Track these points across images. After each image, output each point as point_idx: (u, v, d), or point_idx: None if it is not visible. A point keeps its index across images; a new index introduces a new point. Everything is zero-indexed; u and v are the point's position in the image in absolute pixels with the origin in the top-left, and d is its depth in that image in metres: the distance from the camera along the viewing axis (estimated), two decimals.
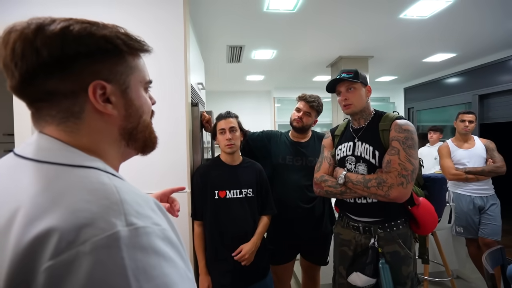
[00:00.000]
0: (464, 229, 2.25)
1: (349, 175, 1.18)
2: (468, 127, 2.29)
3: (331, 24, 2.56)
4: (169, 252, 0.33)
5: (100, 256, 0.28)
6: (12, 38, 0.35)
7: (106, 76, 0.39)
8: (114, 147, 0.43)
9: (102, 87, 0.39)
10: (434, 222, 1.24)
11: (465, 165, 2.24)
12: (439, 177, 1.37)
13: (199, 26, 2.48)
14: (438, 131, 3.26)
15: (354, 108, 1.24)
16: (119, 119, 0.42)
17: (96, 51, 0.38)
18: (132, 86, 0.43)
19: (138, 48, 0.43)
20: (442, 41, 3.07)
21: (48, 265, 0.27)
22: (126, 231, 0.30)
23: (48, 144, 0.37)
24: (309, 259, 1.68)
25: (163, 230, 0.34)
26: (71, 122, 0.38)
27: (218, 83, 5.17)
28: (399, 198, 1.11)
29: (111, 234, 0.29)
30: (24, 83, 0.36)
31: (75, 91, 0.38)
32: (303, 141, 1.66)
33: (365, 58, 3.61)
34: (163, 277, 0.31)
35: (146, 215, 0.33)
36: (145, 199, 0.36)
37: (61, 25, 0.36)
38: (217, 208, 1.36)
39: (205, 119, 1.66)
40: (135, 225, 0.31)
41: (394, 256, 1.17)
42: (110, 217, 0.30)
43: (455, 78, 4.24)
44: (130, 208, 0.32)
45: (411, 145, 1.14)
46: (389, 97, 6.13)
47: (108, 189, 0.33)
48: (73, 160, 0.36)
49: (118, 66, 0.41)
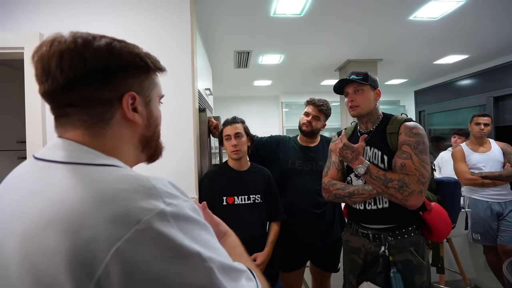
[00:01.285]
0: (481, 235, 2.16)
1: (371, 167, 1.12)
2: (484, 130, 2.21)
3: (338, 27, 2.55)
4: (199, 218, 0.39)
5: (156, 228, 0.33)
6: (58, 48, 0.39)
7: (136, 89, 0.45)
8: (132, 151, 0.48)
9: (133, 97, 0.45)
10: (448, 228, 1.19)
11: (481, 169, 2.16)
12: (452, 181, 1.32)
13: (206, 32, 2.52)
14: (464, 136, 2.84)
15: (360, 110, 1.21)
16: (141, 128, 0.48)
17: (132, 66, 0.45)
18: (153, 99, 0.49)
19: (159, 67, 0.49)
20: (454, 42, 3.00)
21: (116, 247, 0.31)
22: (168, 208, 0.35)
23: (71, 147, 0.41)
24: (320, 266, 1.64)
25: (190, 203, 0.40)
26: (99, 127, 0.43)
27: (226, 89, 5.21)
28: (415, 206, 1.07)
29: (158, 211, 0.34)
30: (67, 88, 0.40)
31: (110, 100, 0.43)
32: (312, 146, 1.65)
33: (374, 61, 3.57)
34: (202, 238, 0.37)
35: (176, 194, 0.39)
36: (166, 182, 0.41)
37: (105, 41, 0.42)
38: (225, 214, 1.35)
39: (212, 124, 1.67)
40: (172, 203, 0.37)
41: (406, 265, 1.13)
42: (151, 200, 0.35)
43: (468, 80, 4.12)
44: (162, 191, 0.37)
45: (423, 150, 1.10)
46: (399, 100, 6.02)
47: (139, 178, 0.38)
48: (95, 160, 0.40)
49: (145, 81, 0.47)
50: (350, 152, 1.14)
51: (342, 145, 1.16)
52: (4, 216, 0.38)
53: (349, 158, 1.15)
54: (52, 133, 1.34)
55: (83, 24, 1.39)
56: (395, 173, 1.10)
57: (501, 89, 3.51)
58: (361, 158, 1.13)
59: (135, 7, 1.44)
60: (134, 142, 0.48)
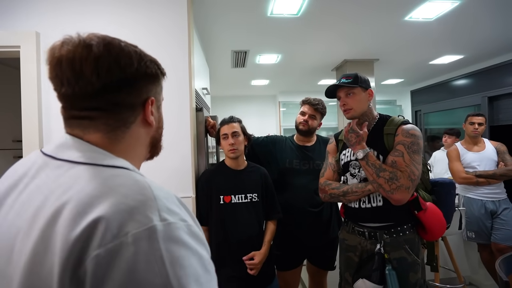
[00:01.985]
0: (475, 234, 2.19)
1: (370, 154, 1.16)
2: (478, 129, 2.24)
3: (335, 27, 2.56)
4: (195, 245, 0.37)
5: (141, 246, 0.32)
6: (94, 54, 0.40)
7: (153, 94, 0.48)
8: (143, 151, 0.51)
9: (152, 102, 0.48)
10: (442, 227, 1.21)
11: (475, 168, 2.19)
12: (447, 182, 1.34)
13: (203, 32, 2.51)
14: (454, 135, 2.94)
15: (354, 113, 1.23)
16: (154, 130, 0.51)
17: (154, 73, 0.47)
18: (160, 103, 0.53)
19: (164, 73, 0.52)
20: (449, 43, 3.03)
21: (97, 253, 0.31)
22: (161, 225, 0.34)
23: (84, 147, 0.42)
24: (316, 264, 1.66)
25: (189, 226, 0.38)
26: (120, 130, 0.45)
27: (223, 88, 5.21)
28: (399, 201, 1.10)
29: (149, 227, 0.33)
30: (101, 92, 0.41)
31: (136, 104, 0.45)
32: (309, 145, 1.66)
33: (370, 61, 3.59)
34: (192, 268, 0.35)
35: (175, 211, 0.37)
36: (171, 195, 0.40)
37: (133, 49, 0.45)
38: (222, 213, 1.36)
39: (209, 124, 1.68)
40: (168, 220, 0.35)
41: (401, 263, 1.15)
42: (147, 211, 0.34)
43: (463, 80, 4.16)
44: (162, 204, 0.36)
45: (416, 150, 1.13)
46: (396, 100, 6.06)
47: (142, 185, 0.37)
48: (104, 161, 0.41)
49: (158, 86, 0.50)
50: (355, 136, 1.19)
51: (350, 128, 1.21)
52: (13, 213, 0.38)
53: (352, 142, 1.20)
54: (48, 132, 1.34)
55: (80, 22, 1.38)
56: (391, 167, 1.12)
57: (495, 89, 3.55)
58: (363, 144, 1.18)
59: (132, 7, 1.43)
60: (146, 143, 0.50)
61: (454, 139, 2.94)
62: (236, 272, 1.31)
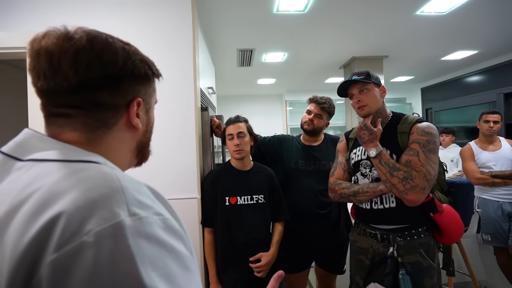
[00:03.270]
0: (492, 237, 2.10)
1: (383, 153, 1.11)
2: (493, 128, 2.15)
3: (343, 23, 2.50)
4: (172, 242, 0.33)
5: (105, 245, 0.28)
6: (73, 47, 0.37)
7: (141, 96, 0.45)
8: (128, 156, 0.47)
9: (138, 103, 0.44)
10: (460, 231, 1.15)
11: (491, 168, 2.10)
12: (464, 182, 1.27)
13: (208, 30, 2.49)
14: (450, 133, 3.18)
15: (369, 109, 1.18)
16: (140, 134, 0.47)
17: (142, 74, 0.44)
18: (152, 106, 0.49)
19: (159, 74, 0.49)
20: (462, 37, 2.93)
21: (53, 258, 0.27)
22: (129, 220, 0.30)
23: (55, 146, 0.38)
24: (325, 268, 1.61)
25: (165, 219, 0.34)
26: (101, 131, 0.41)
27: (229, 88, 5.19)
28: (414, 202, 1.04)
29: (115, 223, 0.29)
30: (77, 89, 0.38)
31: (119, 105, 0.42)
32: (315, 145, 1.61)
33: (379, 58, 3.50)
34: (166, 268, 0.31)
35: (147, 204, 0.33)
36: (143, 188, 0.36)
37: (121, 46, 0.41)
38: (228, 214, 1.33)
39: (215, 124, 1.65)
40: (138, 215, 0.31)
41: (416, 267, 1.10)
42: (112, 206, 0.30)
43: (477, 76, 4.03)
44: (131, 197, 0.32)
45: (432, 149, 1.07)
46: (405, 98, 5.93)
47: (109, 177, 0.34)
48: (72, 156, 0.37)
49: (148, 88, 0.47)
50: (368, 133, 1.14)
51: (363, 125, 1.16)
52: None
53: (365, 139, 1.15)
54: None
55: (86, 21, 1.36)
56: (405, 167, 1.07)
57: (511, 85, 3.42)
58: (376, 142, 1.13)
59: (136, 5, 1.42)
60: (132, 147, 0.47)
61: (451, 137, 3.15)
62: (242, 275, 1.28)
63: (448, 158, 2.97)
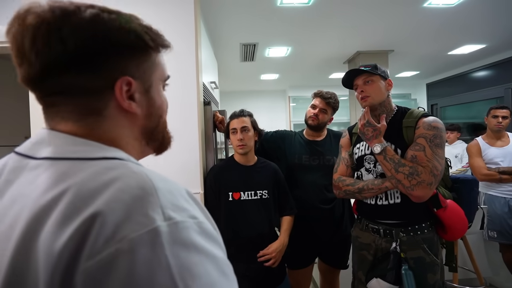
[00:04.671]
0: (498, 233, 2.07)
1: (388, 149, 1.09)
2: (502, 123, 2.11)
3: (348, 17, 2.45)
4: (209, 246, 0.31)
5: (141, 254, 0.26)
6: (32, 24, 0.32)
7: (132, 73, 0.37)
8: (136, 145, 0.41)
9: (128, 83, 0.37)
10: (464, 227, 1.14)
11: (498, 164, 2.07)
12: (469, 178, 1.25)
13: (211, 24, 2.47)
14: (456, 130, 3.07)
15: (371, 101, 1.16)
16: (141, 118, 0.40)
17: (125, 46, 0.36)
18: (154, 84, 0.41)
19: (161, 43, 0.40)
20: (471, 31, 2.86)
21: (86, 266, 0.25)
22: (165, 226, 0.28)
23: (62, 140, 0.35)
24: (328, 263, 1.61)
25: (200, 223, 0.31)
26: (92, 119, 0.36)
27: (232, 83, 5.17)
28: (420, 198, 1.03)
29: (151, 229, 0.27)
30: (45, 74, 0.33)
31: (100, 87, 0.35)
32: (318, 140, 1.60)
33: (384, 52, 3.45)
34: (207, 276, 0.29)
35: (182, 207, 0.31)
36: (177, 188, 0.34)
37: (90, 13, 0.34)
38: (231, 210, 1.32)
39: (218, 119, 1.64)
40: (173, 219, 0.29)
41: (419, 263, 1.09)
42: (147, 209, 0.28)
43: (484, 71, 3.94)
44: (165, 200, 0.30)
45: (439, 144, 1.05)
46: (410, 93, 5.85)
47: (140, 177, 0.31)
48: (93, 153, 0.34)
49: (144, 62, 0.39)
50: (372, 130, 1.12)
51: (365, 121, 1.14)
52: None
53: (369, 136, 1.13)
54: None
55: None
56: (411, 162, 1.05)
57: None
58: (380, 138, 1.11)
59: None
60: (135, 135, 0.40)
61: (456, 134, 3.06)
62: (245, 271, 1.28)
63: (453, 154, 2.93)
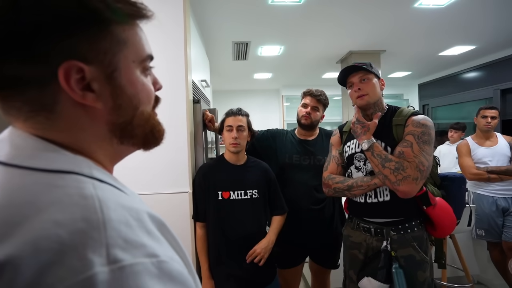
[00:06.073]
0: (485, 232, 2.10)
1: (376, 145, 1.10)
2: (491, 123, 2.14)
3: (340, 16, 2.46)
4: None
5: None
6: None
7: (83, 54, 0.29)
8: (104, 146, 0.33)
9: (79, 70, 0.28)
10: (452, 224, 1.14)
11: (487, 164, 2.10)
12: (457, 176, 1.27)
13: (202, 22, 2.44)
14: (460, 130, 2.95)
15: (369, 99, 1.15)
16: (106, 113, 0.32)
17: (67, 20, 0.27)
18: (123, 68, 0.32)
19: (131, 13, 0.31)
20: (461, 32, 2.90)
21: None
22: (106, 272, 0.22)
23: (21, 141, 0.29)
24: (319, 263, 1.60)
25: (161, 263, 0.25)
26: (42, 117, 0.29)
27: (225, 82, 5.14)
28: (406, 193, 1.03)
29: (85, 278, 0.21)
30: None
31: (42, 77, 0.28)
32: (310, 139, 1.59)
33: (377, 52, 3.47)
34: None
35: (139, 243, 0.25)
36: (139, 216, 0.27)
37: None
38: (220, 209, 1.30)
39: (207, 118, 1.61)
40: (120, 262, 0.23)
41: (409, 261, 1.09)
42: (86, 249, 0.22)
43: (474, 72, 4.02)
44: (115, 235, 0.24)
45: (427, 141, 1.06)
46: (403, 94, 5.93)
47: (89, 205, 0.25)
48: (50, 163, 0.27)
49: (101, 40, 0.30)
50: (361, 127, 1.14)
51: (355, 119, 1.16)
52: None
53: (358, 133, 1.15)
54: None
55: None
56: (397, 158, 1.06)
57: (508, 81, 3.41)
58: (369, 135, 1.12)
59: None
60: (102, 134, 0.32)
61: (460, 133, 2.95)
62: (234, 271, 1.26)
63: (454, 154, 2.88)
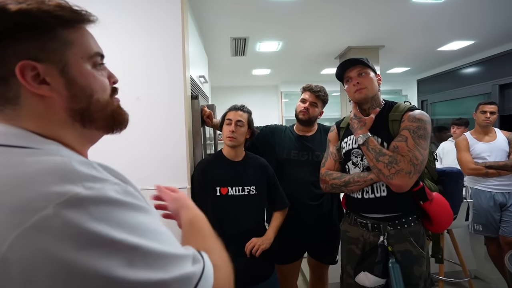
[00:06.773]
0: (483, 226, 2.11)
1: (371, 139, 1.10)
2: (490, 118, 2.14)
3: (338, 11, 2.44)
4: (132, 200, 0.33)
5: (64, 217, 0.28)
6: None
7: (35, 55, 0.35)
8: (69, 130, 0.40)
9: (33, 67, 0.35)
10: (449, 219, 1.14)
11: (485, 159, 2.10)
12: (454, 171, 1.26)
13: (200, 18, 2.42)
14: (463, 125, 2.82)
15: (367, 92, 1.15)
16: (63, 101, 0.38)
17: (15, 29, 0.34)
18: (73, 63, 0.39)
19: (73, 19, 0.38)
20: (459, 27, 2.89)
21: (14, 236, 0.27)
22: (85, 192, 0.30)
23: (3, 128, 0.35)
24: (317, 258, 1.61)
25: (124, 187, 0.34)
26: (8, 109, 0.36)
27: (224, 78, 5.12)
28: (400, 187, 1.03)
29: (71, 196, 0.29)
30: None
31: (3, 76, 0.35)
32: (308, 135, 1.58)
33: (375, 48, 3.46)
34: (133, 221, 0.32)
35: (101, 178, 0.33)
36: (95, 165, 0.35)
37: None
38: (218, 205, 1.30)
39: (205, 114, 1.60)
40: (93, 187, 0.31)
41: (406, 255, 1.10)
42: (67, 184, 0.30)
43: (473, 68, 4.01)
44: (83, 175, 0.32)
45: (422, 135, 1.06)
46: (401, 89, 5.92)
47: (59, 160, 0.33)
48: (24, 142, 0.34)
49: (48, 42, 0.36)
50: (357, 121, 1.15)
51: (353, 115, 1.18)
52: None
53: (355, 128, 1.16)
54: None
55: None
56: (391, 152, 1.07)
57: (507, 76, 3.41)
58: (365, 129, 1.13)
59: None
60: (63, 119, 0.39)
61: (463, 129, 2.85)
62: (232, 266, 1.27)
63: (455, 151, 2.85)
